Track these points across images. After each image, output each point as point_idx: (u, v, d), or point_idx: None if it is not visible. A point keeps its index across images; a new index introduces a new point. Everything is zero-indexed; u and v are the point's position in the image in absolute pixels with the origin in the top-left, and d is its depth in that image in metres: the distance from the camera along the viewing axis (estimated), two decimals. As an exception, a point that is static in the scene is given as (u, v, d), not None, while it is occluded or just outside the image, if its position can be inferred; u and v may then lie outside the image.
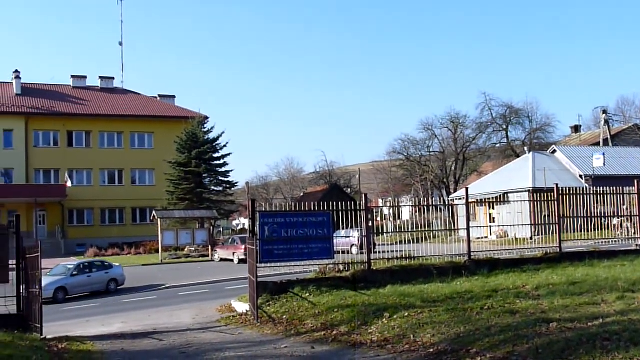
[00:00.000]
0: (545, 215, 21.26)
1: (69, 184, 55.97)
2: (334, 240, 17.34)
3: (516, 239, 23.77)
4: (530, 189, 40.65)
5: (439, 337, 10.27)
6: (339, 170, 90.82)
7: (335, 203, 17.96)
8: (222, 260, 39.23)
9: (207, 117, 57.31)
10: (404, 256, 19.21)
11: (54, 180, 59.00)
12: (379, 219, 51.50)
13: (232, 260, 37.51)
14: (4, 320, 14.30)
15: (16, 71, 62.71)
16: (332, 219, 17.21)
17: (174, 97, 68.63)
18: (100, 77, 67.91)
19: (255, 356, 11.00)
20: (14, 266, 14.92)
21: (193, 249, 44.26)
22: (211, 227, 46.64)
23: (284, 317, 14.54)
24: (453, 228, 24.59)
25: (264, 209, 19.10)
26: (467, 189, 21.27)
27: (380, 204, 58.73)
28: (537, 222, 22.04)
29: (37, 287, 14.03)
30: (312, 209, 17.44)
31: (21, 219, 16.62)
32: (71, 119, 59.99)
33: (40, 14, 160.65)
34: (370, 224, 19.24)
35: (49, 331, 14.34)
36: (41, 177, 59.37)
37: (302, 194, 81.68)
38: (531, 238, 23.50)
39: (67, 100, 62.54)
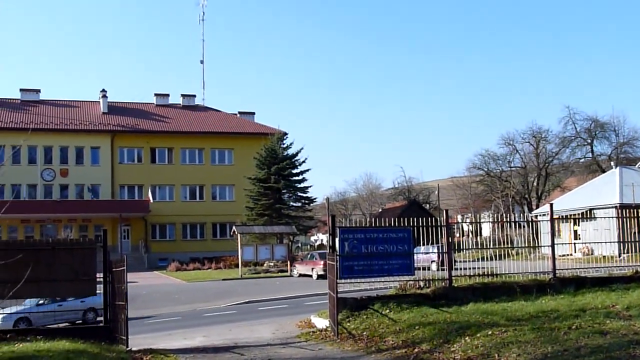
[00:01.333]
0: (634, 232, 20.47)
1: (151, 199, 57.34)
2: (414, 257, 17.14)
3: (603, 256, 22.99)
4: (618, 205, 39.24)
5: (525, 356, 9.95)
6: (417, 186, 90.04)
7: (415, 219, 17.77)
8: (300, 275, 39.35)
9: (286, 133, 57.88)
10: (485, 273, 18.80)
11: (137, 196, 60.65)
12: (458, 235, 50.82)
13: (310, 276, 37.57)
14: (91, 331, 14.69)
15: (103, 90, 64.95)
16: (412, 235, 17.01)
17: (253, 113, 69.59)
18: (182, 95, 69.56)
19: (336, 373, 10.91)
20: (101, 279, 15.30)
21: (272, 264, 44.54)
22: (290, 243, 46.85)
23: (364, 333, 14.40)
24: (536, 245, 23.96)
25: (343, 225, 19.02)
26: (551, 204, 20.71)
27: (460, 220, 57.87)
28: (625, 240, 21.25)
29: (123, 300, 14.32)
30: (392, 224, 17.29)
31: (107, 234, 17.03)
32: (154, 136, 61.63)
33: (126, 35, 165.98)
34: (450, 240, 18.92)
35: (133, 343, 14.58)
36: (125, 192, 61.11)
37: (380, 210, 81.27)
38: (619, 256, 22.70)
39: (150, 118, 64.27)
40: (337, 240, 16.30)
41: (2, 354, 11.60)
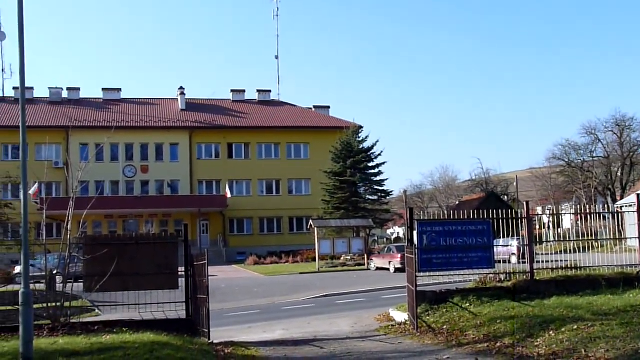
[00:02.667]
0: None
1: (229, 194, 58.21)
2: (494, 249, 16.85)
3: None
4: None
5: (614, 352, 9.64)
6: (495, 177, 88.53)
7: (494, 211, 17.46)
8: (378, 269, 39.24)
9: (361, 127, 57.75)
10: (569, 266, 18.32)
11: (215, 191, 61.64)
12: (537, 227, 49.73)
13: (388, 269, 37.43)
14: (174, 324, 14.96)
15: (181, 88, 66.26)
16: (492, 228, 16.73)
17: (328, 107, 69.74)
18: (258, 91, 70.31)
19: (416, 366, 10.83)
20: (183, 273, 15.61)
21: (349, 257, 44.57)
22: (367, 236, 46.78)
23: (444, 327, 14.25)
24: (621, 237, 23.16)
25: (421, 218, 18.85)
26: (638, 195, 19.95)
27: (539, 212, 56.57)
28: None
29: (204, 293, 14.57)
30: (471, 217, 17.04)
31: (188, 228, 17.33)
32: (231, 131, 62.53)
33: (203, 33, 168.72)
34: (531, 232, 18.50)
35: (214, 336, 14.80)
36: (204, 188, 62.21)
37: (457, 203, 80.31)
38: None
39: (227, 114, 65.22)
40: (415, 233, 16.17)
41: (91, 345, 11.97)
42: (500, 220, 17.53)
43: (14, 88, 63.54)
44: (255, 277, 39.08)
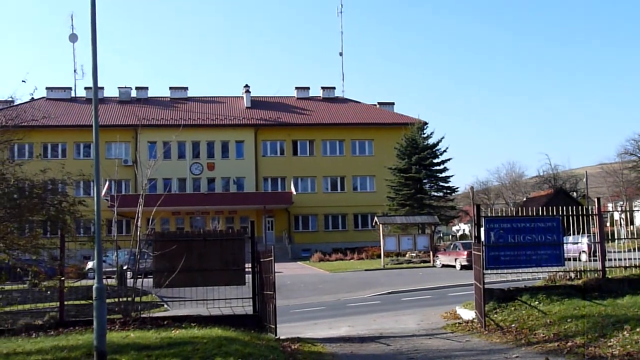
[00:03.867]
0: None
1: (294, 191, 58.52)
2: (564, 247, 16.49)
3: None
4: None
5: (692, 354, 9.33)
6: (564, 173, 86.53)
7: (563, 208, 17.09)
8: (443, 266, 38.91)
9: (426, 123, 57.24)
10: (642, 264, 17.77)
11: (280, 188, 62.02)
12: (609, 224, 48.44)
13: (453, 266, 37.06)
14: (241, 319, 15.15)
15: (246, 86, 66.89)
16: (561, 225, 16.38)
17: (393, 104, 69.35)
18: (322, 88, 70.39)
19: (485, 365, 10.68)
20: (249, 269, 15.78)
21: (414, 254, 44.31)
22: (432, 233, 46.40)
23: (513, 325, 14.02)
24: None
25: (488, 214, 18.59)
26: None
27: (611, 209, 55.14)
28: None
29: (271, 289, 14.69)
30: (539, 213, 16.72)
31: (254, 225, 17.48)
32: (296, 128, 62.80)
33: (267, 31, 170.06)
34: (603, 229, 18.03)
35: (280, 332, 14.90)
36: (269, 185, 62.69)
37: (524, 199, 78.81)
38: None
39: (291, 111, 65.54)
40: (482, 230, 15.96)
41: (161, 339, 12.21)
42: (570, 217, 17.16)
43: (86, 88, 65.29)
44: (320, 274, 39.19)
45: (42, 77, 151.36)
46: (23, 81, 13.88)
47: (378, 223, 44.31)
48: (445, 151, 54.41)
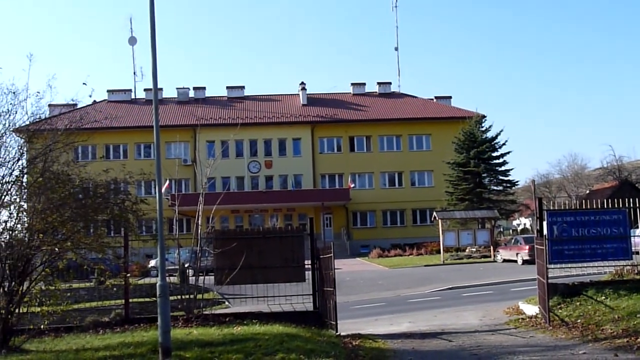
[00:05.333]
0: None
1: (352, 187, 58.48)
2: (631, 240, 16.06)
3: None
4: None
5: None
6: (629, 164, 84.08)
7: (629, 200, 16.65)
8: (504, 261, 38.33)
9: (484, 116, 56.44)
10: None
11: (338, 185, 62.06)
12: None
13: (515, 261, 36.49)
14: (302, 316, 15.21)
15: (302, 83, 67.11)
16: (628, 217, 15.95)
17: (450, 97, 68.68)
18: (378, 83, 70.12)
19: (551, 361, 10.48)
20: (309, 266, 15.83)
21: (474, 249, 43.80)
22: (492, 227, 45.77)
23: (579, 321, 13.73)
24: None
25: (550, 208, 18.22)
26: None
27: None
28: None
29: (331, 285, 14.70)
30: (604, 206, 16.33)
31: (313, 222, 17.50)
32: (352, 125, 62.74)
33: (322, 27, 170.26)
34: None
35: (341, 328, 14.89)
36: (327, 181, 62.78)
37: (587, 192, 77.03)
38: None
39: (348, 108, 65.49)
40: (544, 223, 15.67)
41: (223, 336, 12.36)
42: (638, 210, 16.70)
43: (145, 90, 66.40)
44: (379, 270, 39.11)
45: (102, 80, 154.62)
46: (84, 84, 14.24)
47: (437, 218, 43.94)
48: (504, 144, 53.62)
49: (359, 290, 28.45)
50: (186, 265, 18.93)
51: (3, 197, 12.77)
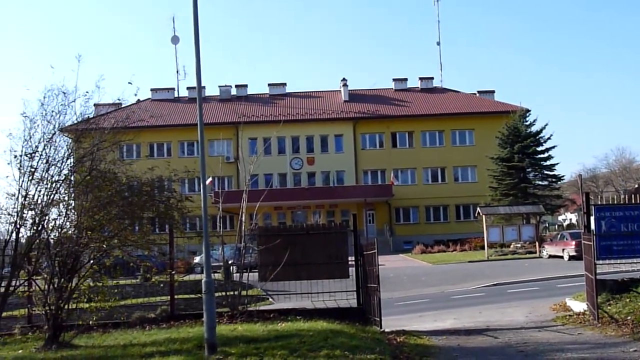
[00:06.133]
0: None
1: (395, 183, 58.30)
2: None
3: None
4: None
5: None
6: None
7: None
8: (550, 256, 37.84)
9: (528, 110, 55.70)
10: None
11: (380, 181, 61.89)
12: None
13: (561, 257, 36.00)
14: (346, 312, 15.21)
15: (343, 79, 67.11)
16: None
17: (493, 92, 67.99)
18: (420, 78, 69.77)
19: (600, 359, 10.29)
20: (353, 262, 15.82)
21: (519, 245, 43.32)
22: (537, 223, 45.20)
23: (629, 318, 13.47)
24: None
25: (597, 203, 17.92)
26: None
27: None
28: None
29: (374, 282, 14.67)
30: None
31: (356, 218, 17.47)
32: (394, 120, 62.53)
33: (363, 23, 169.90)
34: None
35: (385, 324, 14.85)
36: (369, 177, 62.67)
37: (636, 186, 75.62)
38: None
39: (389, 103, 65.28)
40: (592, 219, 15.41)
41: (268, 332, 12.43)
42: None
43: (188, 88, 67.04)
44: (422, 266, 38.93)
45: (146, 79, 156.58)
46: (129, 83, 14.40)
47: (481, 214, 43.55)
48: (549, 138, 52.93)
49: (403, 287, 28.34)
50: (230, 262, 19.06)
51: (53, 195, 13.02)
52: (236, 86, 68.40)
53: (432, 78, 69.99)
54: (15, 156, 12.93)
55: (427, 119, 62.59)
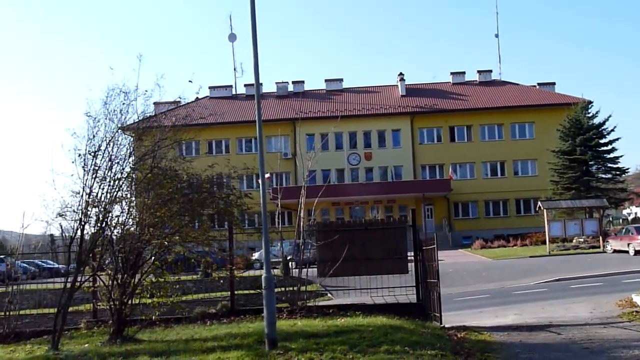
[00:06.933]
0: None
1: (454, 177, 57.79)
2: None
3: None
4: None
5: None
6: None
7: None
8: (615, 251, 36.98)
9: (590, 102, 54.48)
10: None
11: (438, 175, 61.45)
12: None
13: (626, 252, 35.14)
14: (405, 308, 15.15)
15: (400, 74, 66.80)
16: None
17: (553, 84, 66.71)
18: (478, 71, 68.96)
19: (670, 357, 10.02)
20: (412, 258, 15.73)
21: (582, 240, 42.44)
22: (601, 217, 44.19)
23: (699, 314, 13.08)
24: None
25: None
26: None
27: None
28: None
29: (434, 277, 14.56)
30: None
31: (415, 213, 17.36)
32: (452, 114, 61.98)
33: (418, 18, 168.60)
34: None
35: (444, 320, 14.72)
36: (427, 172, 62.25)
37: None
38: None
39: (447, 97, 64.70)
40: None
41: (327, 327, 12.46)
42: None
43: (245, 85, 67.63)
44: (482, 261, 38.50)
45: (203, 77, 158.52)
46: (190, 81, 14.54)
47: (542, 208, 42.82)
48: (612, 130, 51.65)
49: (462, 282, 28.06)
50: (289, 258, 19.18)
51: (115, 193, 13.30)
52: (293, 82, 68.75)
53: (491, 71, 69.18)
54: (80, 155, 13.24)
55: (486, 112, 61.86)
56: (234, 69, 72.58)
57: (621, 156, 52.42)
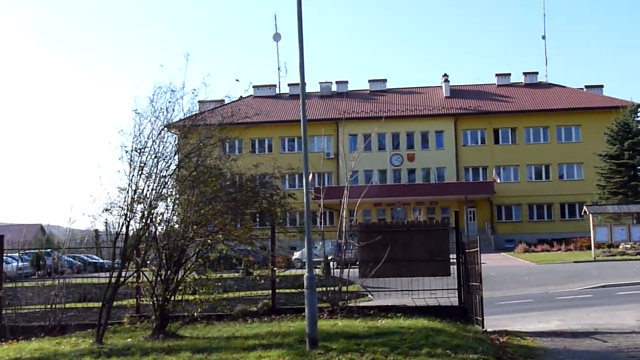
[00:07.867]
0: None
1: (497, 180, 57.22)
2: None
3: None
4: None
5: None
6: None
7: None
8: (663, 258, 36.26)
9: (639, 105, 53.48)
10: None
11: (482, 178, 60.93)
12: None
13: (675, 259, 34.43)
14: (446, 310, 15.06)
15: (445, 75, 66.39)
16: None
17: (601, 86, 65.54)
18: (524, 73, 68.18)
19: None
20: (454, 260, 15.62)
21: (629, 246, 41.63)
22: (650, 223, 43.28)
23: None
24: None
25: None
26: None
27: None
28: None
29: (476, 280, 14.43)
30: None
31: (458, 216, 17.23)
32: (496, 116, 61.39)
33: (463, 19, 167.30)
34: None
35: (486, 324, 14.56)
36: (470, 174, 61.74)
37: None
38: None
39: (492, 99, 64.10)
40: None
41: (368, 328, 12.44)
42: None
43: (289, 85, 67.91)
44: (525, 265, 38.03)
45: (248, 75, 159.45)
46: (237, 80, 14.73)
47: (587, 212, 42.13)
48: (662, 134, 50.57)
49: (505, 286, 27.74)
50: (330, 258, 19.20)
51: (161, 189, 13.45)
52: (336, 82, 68.76)
53: (537, 73, 68.32)
54: (126, 151, 13.44)
55: (531, 114, 61.15)
56: (278, 69, 72.76)
57: (672, 161, 51.28)
